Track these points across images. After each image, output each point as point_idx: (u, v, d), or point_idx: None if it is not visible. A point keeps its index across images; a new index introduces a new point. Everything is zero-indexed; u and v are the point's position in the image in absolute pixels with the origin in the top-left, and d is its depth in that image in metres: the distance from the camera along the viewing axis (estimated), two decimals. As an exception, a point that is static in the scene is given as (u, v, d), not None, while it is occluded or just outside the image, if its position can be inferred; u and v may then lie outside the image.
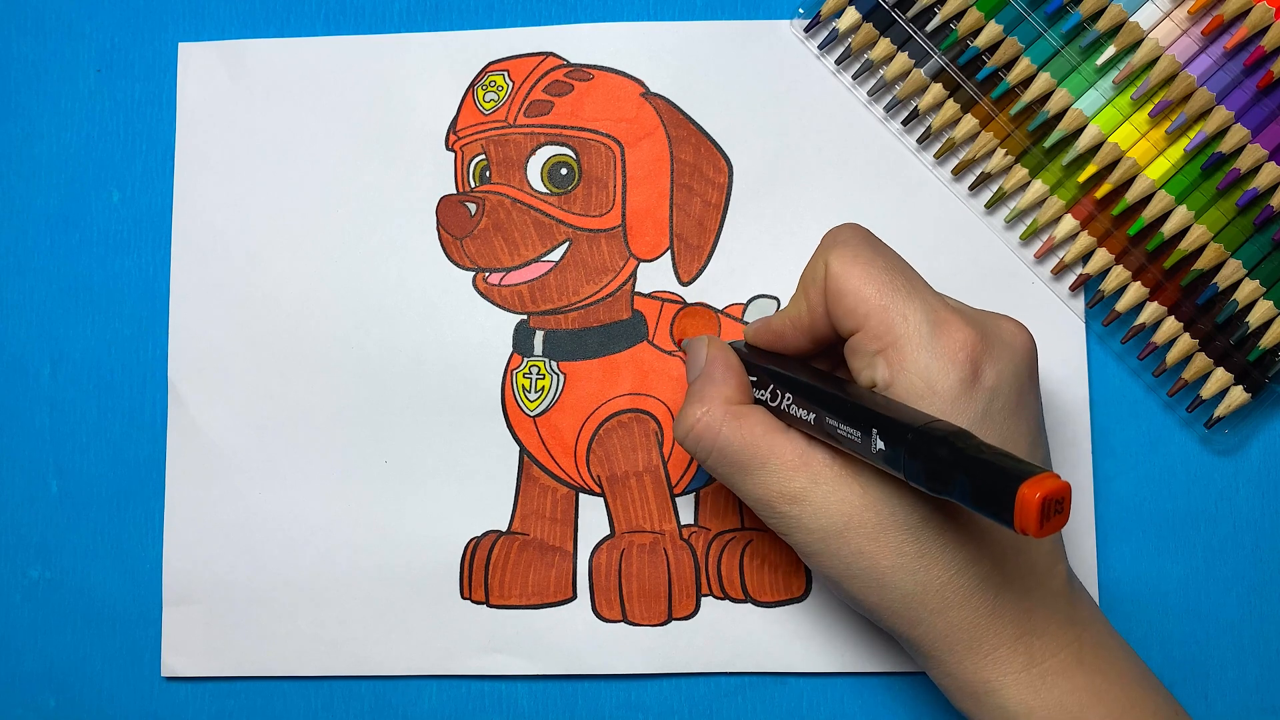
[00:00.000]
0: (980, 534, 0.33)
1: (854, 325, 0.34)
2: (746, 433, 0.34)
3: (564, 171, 0.42)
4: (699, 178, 0.42)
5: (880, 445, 0.30)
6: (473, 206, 0.42)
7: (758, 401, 0.36)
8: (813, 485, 0.33)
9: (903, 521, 0.32)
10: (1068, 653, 0.33)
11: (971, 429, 0.32)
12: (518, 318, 0.42)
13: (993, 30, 0.40)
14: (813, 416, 0.33)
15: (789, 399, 0.35)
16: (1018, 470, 0.27)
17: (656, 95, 0.43)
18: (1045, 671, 0.33)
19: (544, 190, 0.42)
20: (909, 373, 0.32)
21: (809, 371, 0.36)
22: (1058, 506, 0.26)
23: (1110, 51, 0.40)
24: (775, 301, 0.42)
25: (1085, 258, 0.41)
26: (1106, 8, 0.40)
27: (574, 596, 0.42)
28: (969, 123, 0.41)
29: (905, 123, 0.42)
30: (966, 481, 0.28)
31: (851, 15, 0.41)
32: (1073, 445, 0.41)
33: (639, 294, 0.42)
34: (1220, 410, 0.40)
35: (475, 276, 0.43)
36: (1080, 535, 0.41)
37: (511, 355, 0.42)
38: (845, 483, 0.33)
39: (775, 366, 0.36)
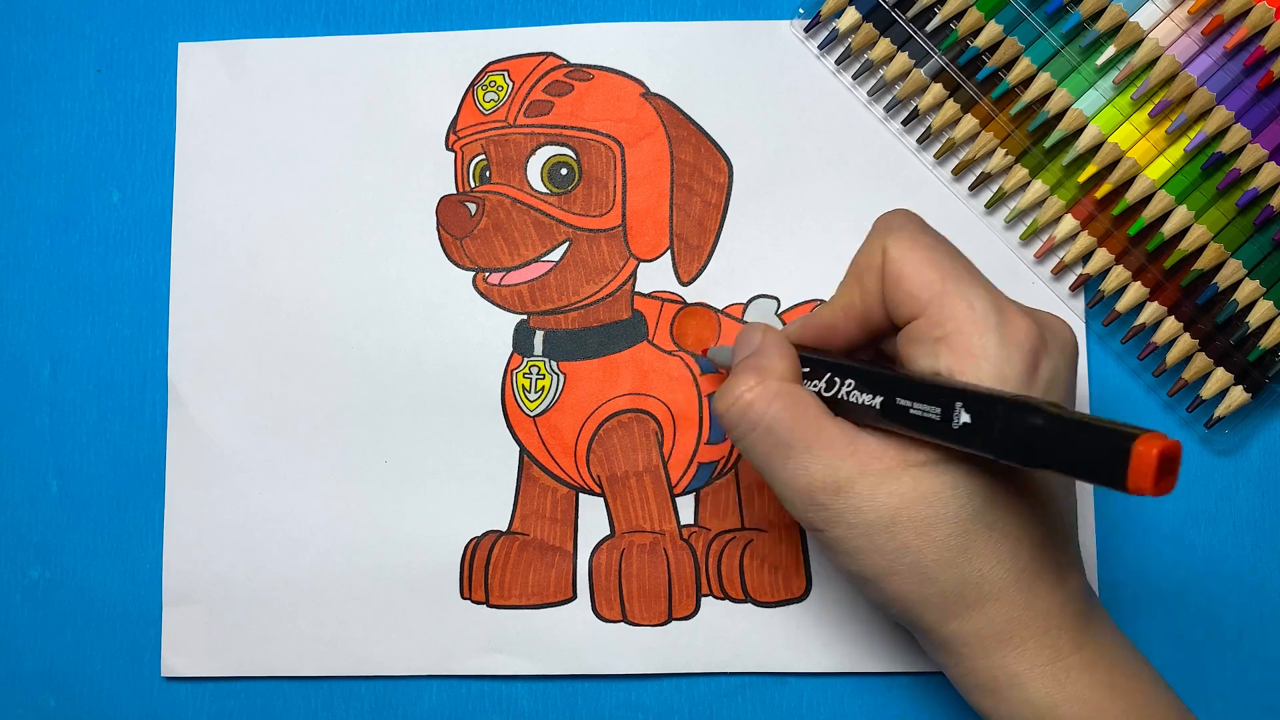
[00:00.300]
0: (1018, 527, 0.32)
1: (914, 311, 0.33)
2: (798, 412, 0.33)
3: (564, 171, 0.42)
4: (699, 178, 0.42)
5: (965, 419, 0.29)
6: (473, 206, 0.43)
7: (832, 400, 0.34)
8: (860, 475, 0.32)
9: (953, 515, 0.32)
10: (1089, 649, 0.33)
11: None
12: (518, 318, 0.42)
13: (993, 30, 0.40)
14: (879, 400, 0.32)
15: (849, 384, 0.33)
16: (1128, 430, 0.26)
17: (656, 95, 0.43)
18: (1069, 666, 0.33)
19: (544, 190, 0.42)
20: (979, 359, 0.31)
21: (864, 360, 0.34)
22: (1170, 466, 0.25)
23: (1110, 51, 0.40)
24: (775, 301, 0.42)
25: (1085, 258, 0.41)
26: (1106, 8, 0.40)
27: (574, 596, 0.42)
28: (969, 123, 0.41)
29: (905, 123, 0.42)
30: (1069, 448, 0.27)
31: (851, 15, 0.41)
32: (1073, 445, 0.41)
33: (639, 294, 0.42)
34: (1220, 410, 0.40)
35: (475, 276, 0.43)
36: (1080, 535, 0.41)
37: (511, 355, 0.42)
38: (895, 474, 0.32)
39: (829, 358, 0.35)
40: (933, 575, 0.32)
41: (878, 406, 0.32)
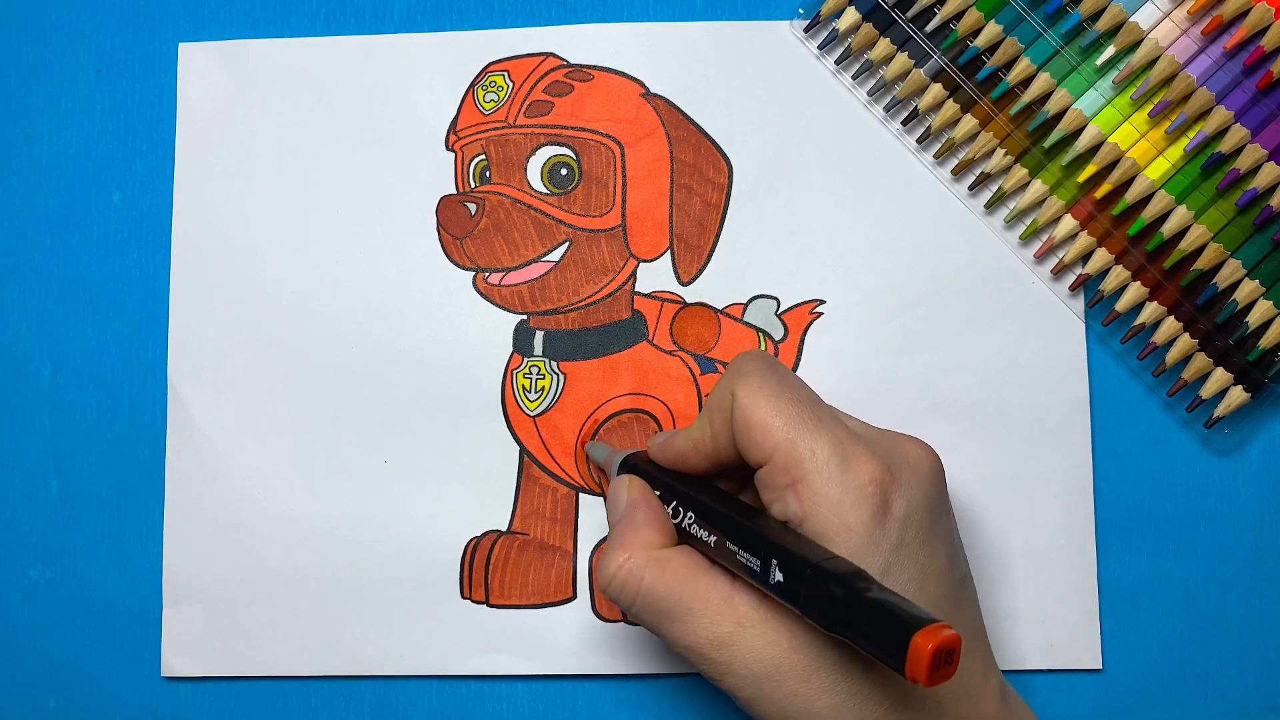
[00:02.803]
0: None
1: (761, 457, 0.33)
2: (671, 577, 0.33)
3: (564, 171, 0.42)
4: (699, 178, 0.42)
5: (779, 577, 0.30)
6: (473, 206, 0.43)
7: (679, 529, 0.35)
8: (739, 629, 0.32)
9: (834, 661, 0.31)
10: None
11: (888, 560, 0.31)
12: (518, 318, 0.42)
13: (992, 30, 0.40)
14: (713, 539, 0.33)
15: (691, 517, 0.34)
16: (912, 618, 0.27)
17: (656, 95, 0.43)
18: None
19: (544, 190, 0.42)
20: (821, 508, 0.32)
21: (714, 492, 0.35)
22: (948, 657, 0.26)
23: (1110, 51, 0.40)
24: (775, 301, 0.42)
25: (1085, 258, 0.41)
26: (1106, 8, 0.40)
27: (574, 596, 0.42)
28: (969, 123, 0.41)
29: (905, 123, 0.42)
30: (861, 624, 0.28)
31: (851, 15, 0.41)
32: (1073, 445, 0.41)
33: (639, 294, 0.42)
34: (1220, 410, 0.40)
35: (475, 276, 0.43)
36: (1080, 535, 0.41)
37: (511, 355, 0.42)
38: (772, 625, 0.32)
39: (681, 485, 0.35)
40: None
41: (711, 544, 0.33)
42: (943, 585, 0.33)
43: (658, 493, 0.36)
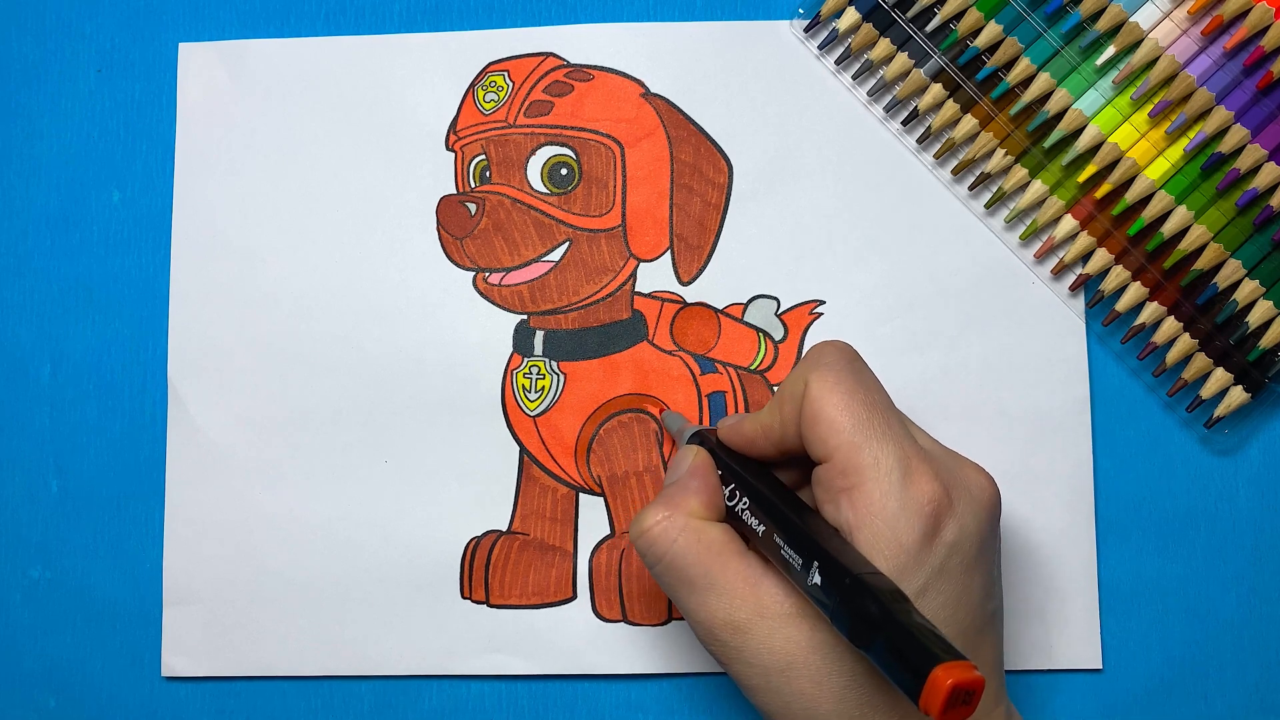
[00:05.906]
0: None
1: (824, 454, 0.32)
2: (702, 549, 0.33)
3: (564, 171, 0.42)
4: (699, 178, 0.42)
5: (817, 579, 0.30)
6: (473, 206, 0.43)
7: (729, 510, 0.35)
8: (758, 618, 0.32)
9: (849, 668, 0.31)
10: None
11: (926, 582, 0.31)
12: (518, 318, 0.42)
13: (993, 30, 0.40)
14: (762, 529, 0.33)
15: (745, 503, 0.34)
16: (938, 651, 0.26)
17: (656, 95, 0.43)
18: None
19: (544, 190, 0.42)
20: (875, 519, 0.31)
21: (772, 484, 0.35)
22: (966, 697, 0.26)
23: (1110, 51, 0.40)
24: (775, 301, 0.42)
25: (1085, 258, 0.41)
26: (1106, 8, 0.40)
27: (574, 596, 0.42)
28: (969, 123, 0.41)
29: (905, 123, 0.42)
30: (886, 644, 0.27)
31: (851, 15, 0.41)
32: (1073, 445, 0.41)
33: (639, 294, 0.42)
34: (1220, 410, 0.40)
35: (475, 276, 0.43)
36: (1081, 535, 0.41)
37: (511, 355, 0.42)
38: (793, 621, 0.32)
39: (743, 470, 0.35)
40: None
41: (759, 534, 0.33)
42: (973, 616, 0.32)
43: (720, 472, 0.36)
